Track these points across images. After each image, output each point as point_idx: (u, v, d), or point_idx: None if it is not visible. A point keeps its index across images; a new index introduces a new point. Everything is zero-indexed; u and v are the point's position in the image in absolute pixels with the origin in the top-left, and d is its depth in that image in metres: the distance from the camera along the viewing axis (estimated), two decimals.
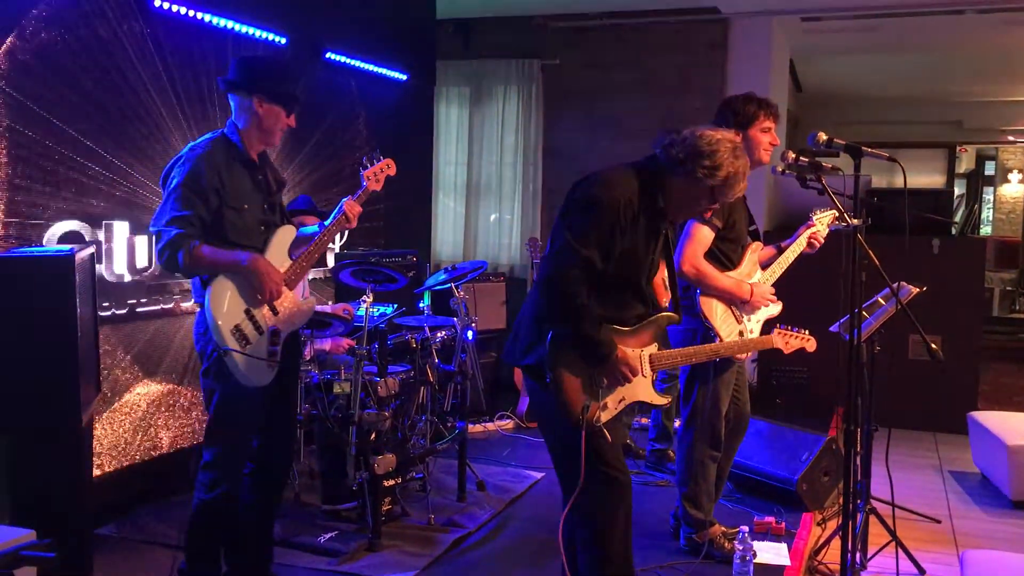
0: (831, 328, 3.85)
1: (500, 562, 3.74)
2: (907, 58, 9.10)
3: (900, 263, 3.50)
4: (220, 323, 2.96)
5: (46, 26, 3.62)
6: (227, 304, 3.00)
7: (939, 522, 4.39)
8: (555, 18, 7.26)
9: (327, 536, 3.83)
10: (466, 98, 7.49)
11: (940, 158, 13.05)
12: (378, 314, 4.57)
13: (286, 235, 3.22)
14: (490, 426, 5.89)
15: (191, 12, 4.27)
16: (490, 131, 7.47)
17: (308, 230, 3.29)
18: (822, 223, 3.80)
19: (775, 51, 7.16)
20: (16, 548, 2.19)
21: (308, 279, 4.42)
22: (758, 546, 3.76)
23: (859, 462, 3.54)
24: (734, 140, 2.75)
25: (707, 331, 3.51)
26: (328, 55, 5.41)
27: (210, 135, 3.12)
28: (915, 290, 3.77)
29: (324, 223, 3.25)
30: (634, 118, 7.08)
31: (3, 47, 3.45)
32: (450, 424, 4.70)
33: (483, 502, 4.39)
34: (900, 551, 3.64)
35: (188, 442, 4.41)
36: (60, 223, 3.71)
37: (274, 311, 3.11)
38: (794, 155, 3.31)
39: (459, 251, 7.52)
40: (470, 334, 5.38)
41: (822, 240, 3.79)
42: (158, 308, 4.25)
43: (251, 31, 4.69)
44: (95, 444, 3.72)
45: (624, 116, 7.14)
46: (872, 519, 3.76)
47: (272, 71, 3.15)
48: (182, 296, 4.36)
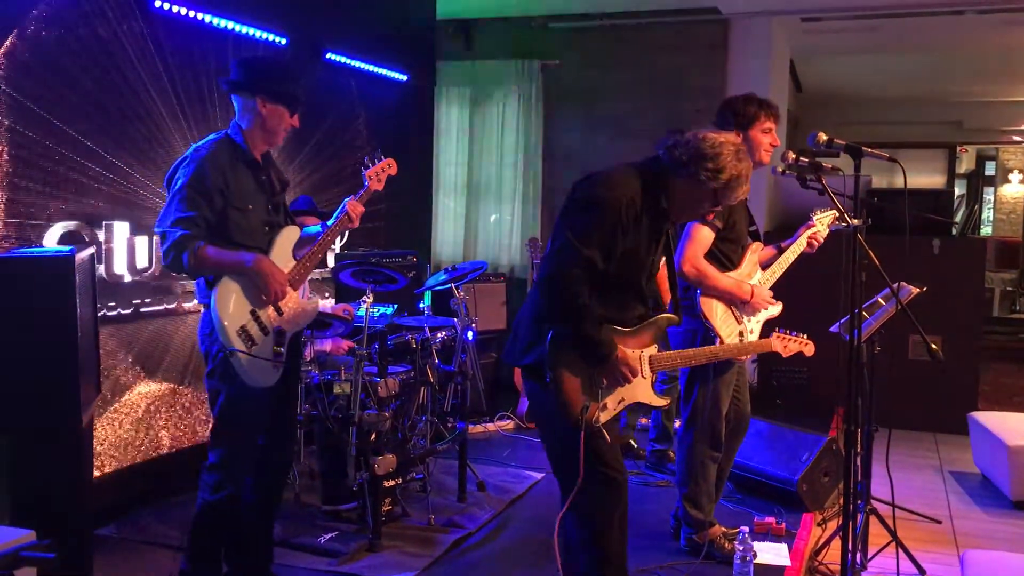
0: (831, 328, 3.84)
1: (500, 563, 3.73)
2: (907, 58, 9.10)
3: (900, 263, 3.49)
4: (226, 324, 2.96)
5: (46, 26, 3.62)
6: (233, 305, 3.00)
7: (939, 522, 4.39)
8: (555, 18, 7.24)
9: (327, 536, 3.83)
10: (466, 98, 7.48)
11: (940, 158, 13.04)
12: (378, 315, 4.57)
13: (290, 235, 3.22)
14: (490, 427, 5.89)
15: (191, 12, 4.27)
16: (490, 131, 7.46)
17: (311, 230, 3.29)
18: (822, 223, 3.80)
19: (775, 51, 7.15)
20: (16, 548, 2.19)
21: (308, 279, 4.41)
22: (758, 546, 3.76)
23: (859, 462, 3.54)
24: (737, 143, 2.76)
25: (707, 332, 3.51)
26: (328, 55, 5.41)
27: (214, 136, 3.11)
28: (915, 290, 3.77)
29: (327, 223, 3.25)
30: (634, 118, 7.06)
31: (3, 47, 3.45)
32: (450, 425, 4.70)
33: (483, 503, 4.39)
34: (900, 551, 3.64)
35: (189, 442, 4.41)
36: (60, 223, 3.72)
37: (279, 311, 3.12)
38: (794, 155, 3.31)
39: (459, 251, 7.50)
40: (470, 334, 5.38)
41: (822, 240, 3.79)
42: (161, 308, 4.25)
43: (251, 32, 4.69)
44: (95, 444, 3.72)
45: (624, 116, 7.12)
46: (872, 519, 3.76)
47: (275, 71, 3.15)
48: (184, 296, 4.36)
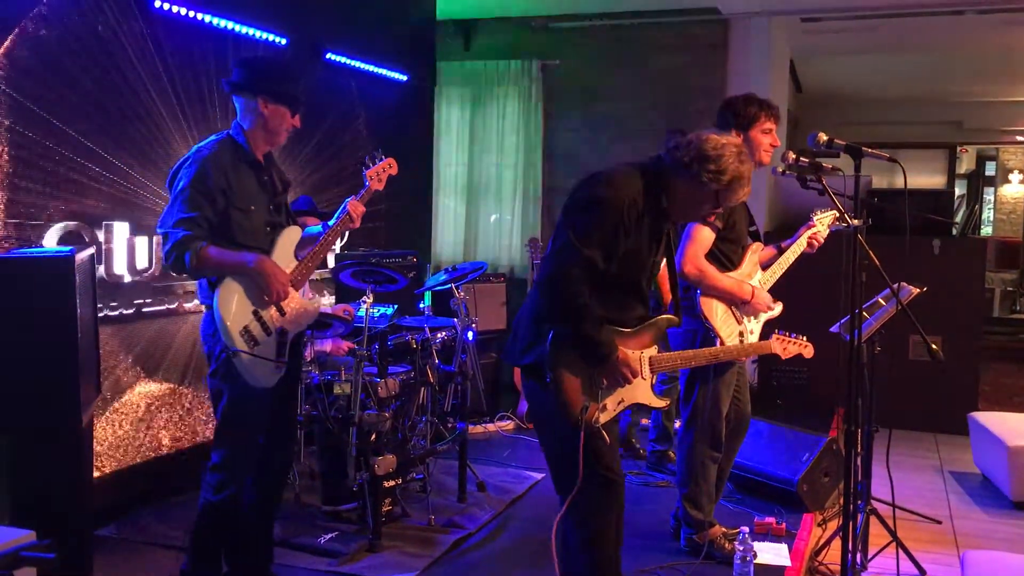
0: (831, 329, 3.84)
1: (500, 563, 3.73)
2: (907, 58, 9.10)
3: (900, 263, 3.49)
4: (229, 324, 2.97)
5: (46, 26, 3.62)
6: (235, 305, 3.00)
7: (940, 523, 4.39)
8: (555, 18, 7.25)
9: (327, 537, 3.83)
10: (466, 99, 7.48)
11: (940, 158, 13.04)
12: (378, 315, 4.57)
13: (292, 236, 3.22)
14: (490, 427, 5.89)
15: (191, 12, 4.27)
16: (490, 131, 7.45)
17: (312, 230, 3.30)
18: (823, 224, 3.80)
19: (775, 51, 7.15)
20: (16, 549, 2.19)
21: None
22: (758, 547, 3.75)
23: (859, 463, 3.54)
24: (739, 145, 2.76)
25: (707, 332, 3.51)
26: (328, 56, 5.41)
27: (216, 136, 3.12)
28: (915, 290, 3.77)
29: (328, 223, 3.26)
30: (634, 118, 7.06)
31: (3, 47, 3.45)
32: (450, 425, 4.69)
33: (483, 503, 4.38)
34: (901, 552, 3.64)
35: (189, 443, 4.41)
36: (60, 223, 3.71)
37: (281, 312, 3.12)
38: (794, 156, 3.32)
39: (459, 252, 7.50)
40: (470, 335, 5.37)
41: (822, 240, 3.79)
42: (161, 308, 4.25)
43: (251, 32, 4.69)
44: (95, 444, 3.71)
45: (624, 116, 7.12)
46: (873, 520, 3.76)
47: (276, 71, 3.15)
48: (185, 297, 4.36)
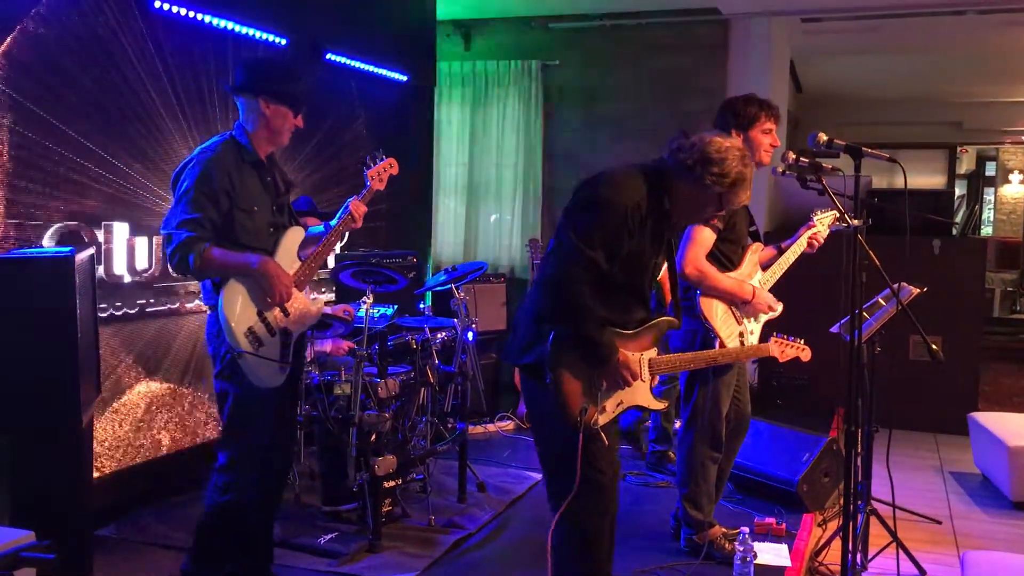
0: (832, 329, 3.84)
1: (500, 563, 3.73)
2: (907, 58, 9.10)
3: (901, 264, 3.49)
4: (233, 325, 2.97)
5: (46, 26, 3.62)
6: (239, 306, 3.01)
7: (940, 523, 4.39)
8: (555, 18, 7.25)
9: (327, 537, 3.83)
10: (466, 99, 7.48)
11: (940, 159, 13.05)
12: (378, 315, 4.56)
13: (295, 236, 3.22)
14: (490, 427, 5.89)
15: (191, 13, 4.27)
16: (490, 132, 7.45)
17: (315, 230, 3.30)
18: (823, 224, 3.80)
19: (775, 52, 7.15)
20: (16, 549, 2.18)
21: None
22: (758, 547, 3.75)
23: (860, 463, 3.54)
24: (743, 148, 2.76)
25: (707, 332, 3.51)
26: (328, 56, 5.41)
27: (219, 137, 3.12)
28: (916, 291, 3.77)
29: (330, 223, 3.26)
30: (634, 118, 7.06)
31: (2, 47, 3.45)
32: (450, 425, 4.69)
33: (483, 503, 4.38)
34: (901, 552, 3.64)
35: (189, 443, 4.41)
36: (60, 223, 3.71)
37: (285, 312, 3.12)
38: (794, 156, 3.31)
39: (459, 252, 7.50)
40: (470, 335, 5.37)
41: (822, 241, 3.79)
42: (162, 308, 4.24)
43: (251, 32, 4.69)
44: (95, 444, 3.71)
45: (624, 116, 7.12)
46: (873, 520, 3.76)
47: (277, 72, 3.15)
48: (186, 297, 4.36)
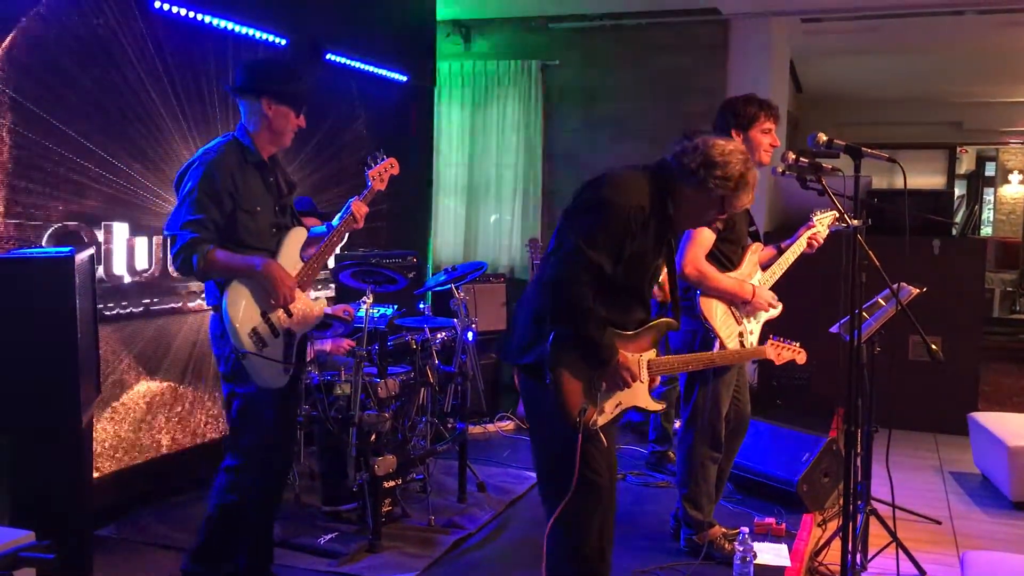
0: (831, 329, 3.84)
1: (500, 563, 3.73)
2: (907, 59, 9.10)
3: (900, 264, 3.49)
4: (237, 326, 2.98)
5: (46, 26, 3.61)
6: (243, 307, 3.01)
7: (939, 523, 4.39)
8: (555, 18, 7.25)
9: (327, 537, 3.83)
10: (466, 98, 7.48)
11: (940, 159, 13.05)
12: (378, 315, 4.57)
13: (297, 237, 3.23)
14: (490, 427, 5.89)
15: (191, 13, 4.27)
16: (490, 132, 7.45)
17: (316, 231, 3.30)
18: (822, 224, 3.80)
19: (775, 52, 7.15)
20: (15, 549, 2.18)
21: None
22: (758, 547, 3.75)
23: (859, 463, 3.53)
24: (745, 152, 2.76)
25: (707, 333, 3.51)
26: (328, 56, 5.41)
27: (221, 139, 3.12)
28: (915, 291, 3.77)
29: (331, 223, 3.26)
30: (634, 118, 7.06)
31: (3, 47, 3.45)
32: (450, 425, 4.69)
33: (483, 503, 4.38)
34: (900, 552, 3.64)
35: (189, 443, 4.41)
36: (60, 223, 3.71)
37: (288, 313, 3.13)
38: (794, 156, 3.31)
39: (459, 252, 7.50)
40: (470, 335, 5.37)
41: (822, 241, 3.79)
42: (165, 308, 4.24)
43: (251, 32, 4.69)
44: (95, 444, 3.71)
45: (624, 116, 7.12)
46: (872, 520, 3.76)
47: (278, 72, 3.15)
48: (188, 296, 4.36)
